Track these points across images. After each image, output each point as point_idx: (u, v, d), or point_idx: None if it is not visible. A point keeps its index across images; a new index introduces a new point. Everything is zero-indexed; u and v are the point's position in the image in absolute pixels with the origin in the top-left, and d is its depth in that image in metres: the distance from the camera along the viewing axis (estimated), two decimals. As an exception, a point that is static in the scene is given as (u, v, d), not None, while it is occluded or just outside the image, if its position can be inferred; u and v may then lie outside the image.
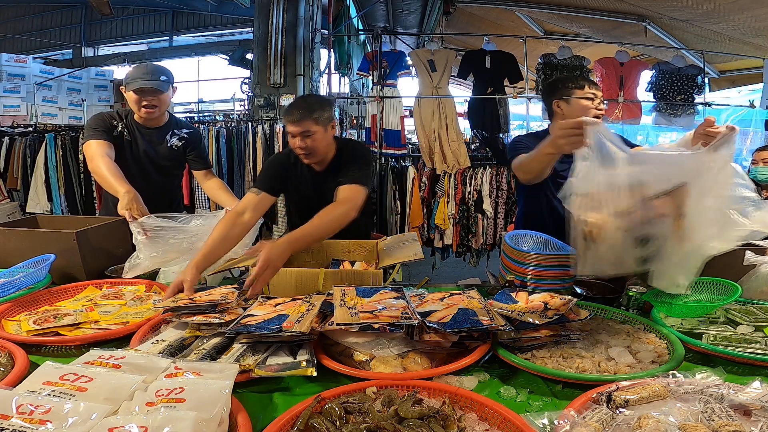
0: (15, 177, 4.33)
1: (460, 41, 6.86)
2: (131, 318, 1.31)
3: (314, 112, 1.70)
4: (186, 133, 2.17)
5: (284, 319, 1.10)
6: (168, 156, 2.14)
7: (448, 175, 4.12)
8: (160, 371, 0.89)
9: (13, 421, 0.71)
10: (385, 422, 0.78)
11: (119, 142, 2.02)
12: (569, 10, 4.80)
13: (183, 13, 7.85)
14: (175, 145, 2.13)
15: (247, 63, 5.79)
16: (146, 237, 1.67)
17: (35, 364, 0.97)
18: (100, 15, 5.02)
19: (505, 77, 4.30)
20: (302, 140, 1.71)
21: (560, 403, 0.93)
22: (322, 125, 1.72)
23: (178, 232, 1.72)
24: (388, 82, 4.31)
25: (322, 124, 1.72)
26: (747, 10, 3.78)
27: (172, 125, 2.15)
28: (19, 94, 5.32)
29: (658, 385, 0.87)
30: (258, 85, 4.27)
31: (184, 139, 2.15)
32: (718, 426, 0.74)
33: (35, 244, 1.64)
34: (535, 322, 1.11)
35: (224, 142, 3.99)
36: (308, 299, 1.24)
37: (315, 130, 1.70)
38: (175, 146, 2.13)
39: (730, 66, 5.54)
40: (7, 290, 1.39)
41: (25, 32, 7.91)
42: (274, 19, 4.10)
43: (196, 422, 0.71)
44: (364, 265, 1.63)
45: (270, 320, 1.10)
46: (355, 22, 6.07)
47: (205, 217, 1.82)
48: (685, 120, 4.44)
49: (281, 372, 0.99)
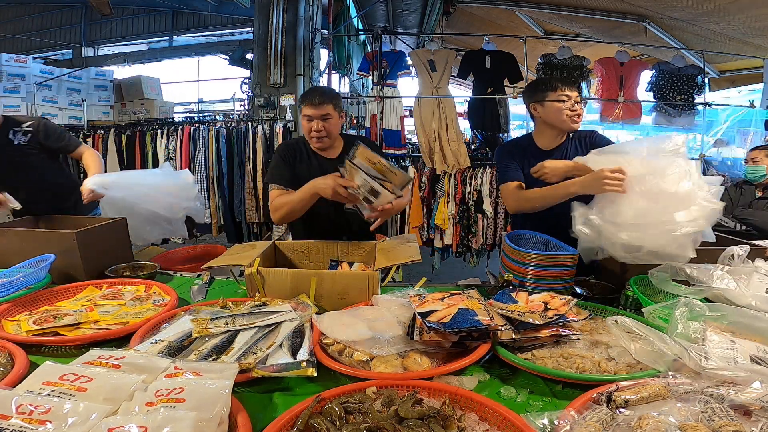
0: (15, 177, 4.33)
1: (460, 41, 6.86)
2: (131, 318, 1.31)
3: (333, 98, 1.83)
4: (28, 126, 2.19)
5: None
6: (20, 152, 2.18)
7: (448, 175, 4.12)
8: (159, 371, 0.89)
9: (12, 421, 0.71)
10: (385, 422, 0.78)
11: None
12: (569, 10, 4.80)
13: (183, 13, 7.85)
14: (22, 141, 2.17)
15: (247, 63, 5.79)
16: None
17: (35, 364, 0.97)
18: (100, 15, 5.01)
19: (505, 77, 4.30)
20: (320, 123, 1.80)
21: (560, 403, 0.93)
22: (337, 112, 1.85)
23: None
24: (388, 82, 4.31)
25: (337, 111, 1.85)
26: (747, 10, 3.78)
27: (9, 125, 2.17)
28: (19, 94, 5.31)
29: (658, 385, 0.87)
30: (258, 85, 4.27)
31: (28, 132, 2.18)
32: (718, 426, 0.74)
33: (35, 244, 1.64)
34: (535, 322, 1.12)
35: (224, 142, 3.99)
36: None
37: (332, 114, 1.82)
38: (24, 142, 2.17)
39: (730, 66, 5.54)
40: (7, 290, 1.39)
41: (25, 32, 7.90)
42: (274, 19, 4.10)
43: (196, 422, 0.71)
44: (363, 267, 1.63)
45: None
46: (355, 22, 6.06)
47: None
48: (685, 120, 4.44)
49: (281, 372, 0.99)
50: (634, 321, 1.12)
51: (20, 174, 2.19)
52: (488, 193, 4.10)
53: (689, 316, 1.10)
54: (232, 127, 4.04)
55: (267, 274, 1.43)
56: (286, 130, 4.01)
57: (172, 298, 1.45)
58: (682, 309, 1.11)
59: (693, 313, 1.11)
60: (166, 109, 5.63)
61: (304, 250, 1.79)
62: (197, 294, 1.62)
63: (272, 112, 4.18)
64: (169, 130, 4.07)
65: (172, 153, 4.03)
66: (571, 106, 1.75)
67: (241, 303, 1.35)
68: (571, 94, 1.76)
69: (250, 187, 3.96)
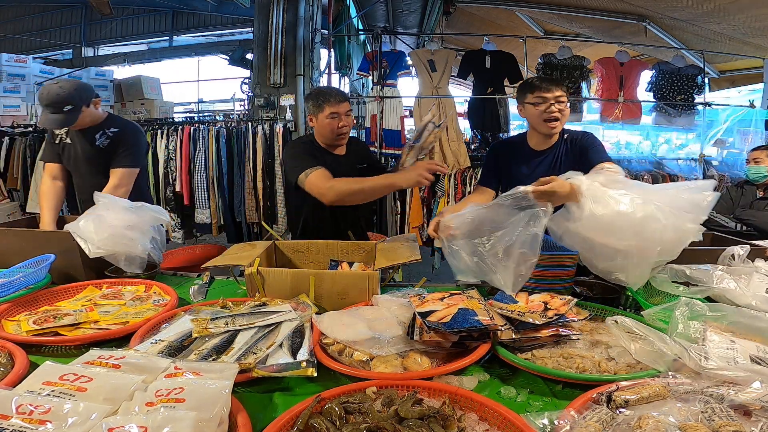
0: (15, 177, 4.34)
1: (460, 41, 6.86)
2: (131, 318, 1.31)
3: (348, 97, 2.02)
4: (113, 130, 2.10)
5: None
6: (97, 155, 2.09)
7: (448, 175, 4.12)
8: (159, 371, 0.89)
9: (12, 421, 0.71)
10: (385, 422, 0.78)
11: (61, 149, 2.15)
12: (569, 10, 4.80)
13: (183, 13, 7.85)
14: (102, 144, 2.09)
15: (247, 63, 5.78)
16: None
17: (35, 364, 0.97)
18: (100, 15, 5.01)
19: (505, 77, 4.30)
20: (346, 117, 1.94)
21: (560, 403, 0.93)
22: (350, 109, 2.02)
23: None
24: (388, 82, 4.31)
25: (350, 108, 2.02)
26: (747, 10, 3.78)
27: (105, 125, 2.10)
28: (19, 94, 5.32)
29: (658, 385, 0.87)
30: (258, 85, 4.27)
31: (110, 137, 2.09)
32: (718, 426, 0.74)
33: (35, 244, 1.64)
34: (535, 322, 1.12)
35: (224, 142, 3.99)
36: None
37: (349, 111, 1.98)
38: (103, 145, 2.09)
39: (730, 66, 5.54)
40: (7, 290, 1.38)
41: (25, 32, 7.91)
42: (274, 19, 4.10)
43: (196, 422, 0.71)
44: (363, 267, 1.63)
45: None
46: (355, 22, 6.07)
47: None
48: (685, 120, 4.44)
49: (281, 372, 0.99)
50: (634, 321, 1.12)
51: (85, 176, 2.12)
52: (488, 193, 4.10)
53: (689, 315, 1.10)
54: (232, 127, 4.03)
55: (267, 274, 1.43)
56: (286, 130, 4.01)
57: (172, 298, 1.44)
58: (683, 309, 1.11)
59: (693, 313, 1.11)
60: (166, 109, 5.63)
61: (305, 250, 1.79)
62: (197, 294, 1.62)
63: (272, 112, 4.18)
64: (169, 130, 4.07)
65: (172, 153, 4.02)
66: (547, 108, 1.71)
67: (241, 303, 1.35)
68: (549, 95, 1.70)
69: (250, 187, 3.96)
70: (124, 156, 2.09)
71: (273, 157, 3.92)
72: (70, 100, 1.92)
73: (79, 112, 1.97)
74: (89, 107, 2.02)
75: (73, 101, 1.93)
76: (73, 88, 1.95)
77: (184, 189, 4.01)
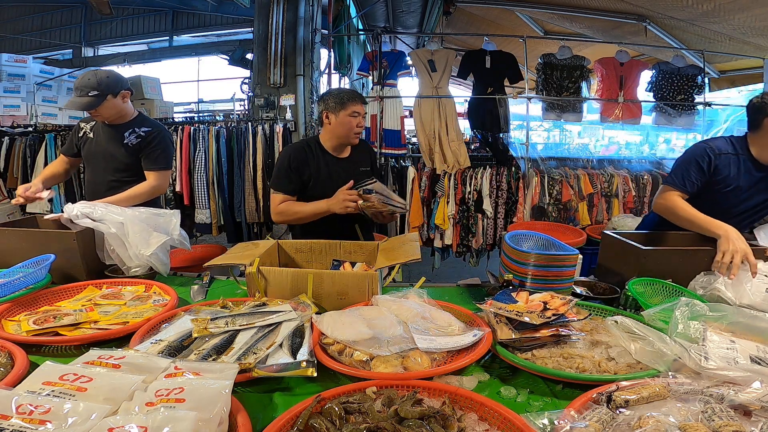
0: (15, 177, 4.33)
1: (460, 41, 6.86)
2: (131, 318, 1.31)
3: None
4: (144, 130, 2.11)
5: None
6: (122, 152, 2.09)
7: (448, 175, 4.12)
8: (159, 371, 0.89)
9: (12, 421, 0.71)
10: (385, 422, 0.78)
11: (82, 143, 2.19)
12: (569, 10, 4.79)
13: (183, 13, 7.86)
14: (131, 142, 2.09)
15: (247, 63, 5.79)
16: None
17: (35, 364, 0.97)
18: (100, 15, 5.01)
19: (505, 77, 4.30)
20: (362, 119, 2.01)
21: (560, 403, 0.93)
22: None
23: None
24: (388, 82, 4.31)
25: None
26: (747, 9, 3.78)
27: (135, 123, 2.12)
28: (19, 94, 5.32)
29: (658, 385, 0.87)
30: (258, 85, 4.27)
31: (141, 136, 2.10)
32: (718, 426, 0.74)
33: (35, 244, 1.64)
34: (533, 322, 1.12)
35: (224, 142, 3.99)
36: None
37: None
38: (131, 143, 2.09)
39: (730, 66, 5.53)
40: (7, 290, 1.38)
41: (25, 32, 7.91)
42: (274, 19, 4.10)
43: (196, 422, 0.71)
44: (365, 267, 1.63)
45: None
46: (355, 22, 6.06)
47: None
48: (685, 120, 4.44)
49: (281, 372, 0.99)
50: (634, 321, 1.12)
51: (99, 173, 2.13)
52: (488, 193, 4.10)
53: (689, 315, 1.10)
54: (232, 127, 4.03)
55: (267, 273, 1.43)
56: (286, 130, 4.01)
57: (172, 298, 1.44)
58: (683, 309, 1.11)
59: (693, 313, 1.11)
60: (166, 109, 5.63)
61: (307, 250, 1.78)
62: (197, 294, 1.62)
63: (272, 112, 4.18)
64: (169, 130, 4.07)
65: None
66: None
67: (241, 303, 1.35)
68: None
69: (250, 187, 3.96)
70: (161, 158, 2.14)
71: (273, 157, 3.92)
72: (97, 86, 1.97)
73: (104, 99, 1.99)
74: (116, 98, 2.04)
75: (100, 88, 1.98)
76: (105, 75, 2.01)
77: (184, 189, 4.01)
